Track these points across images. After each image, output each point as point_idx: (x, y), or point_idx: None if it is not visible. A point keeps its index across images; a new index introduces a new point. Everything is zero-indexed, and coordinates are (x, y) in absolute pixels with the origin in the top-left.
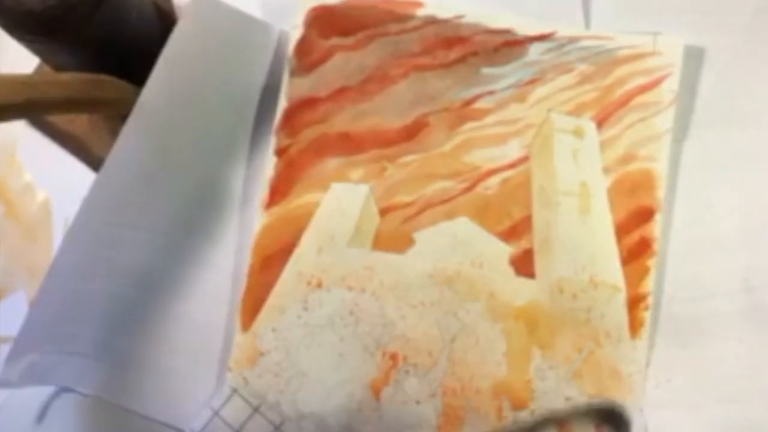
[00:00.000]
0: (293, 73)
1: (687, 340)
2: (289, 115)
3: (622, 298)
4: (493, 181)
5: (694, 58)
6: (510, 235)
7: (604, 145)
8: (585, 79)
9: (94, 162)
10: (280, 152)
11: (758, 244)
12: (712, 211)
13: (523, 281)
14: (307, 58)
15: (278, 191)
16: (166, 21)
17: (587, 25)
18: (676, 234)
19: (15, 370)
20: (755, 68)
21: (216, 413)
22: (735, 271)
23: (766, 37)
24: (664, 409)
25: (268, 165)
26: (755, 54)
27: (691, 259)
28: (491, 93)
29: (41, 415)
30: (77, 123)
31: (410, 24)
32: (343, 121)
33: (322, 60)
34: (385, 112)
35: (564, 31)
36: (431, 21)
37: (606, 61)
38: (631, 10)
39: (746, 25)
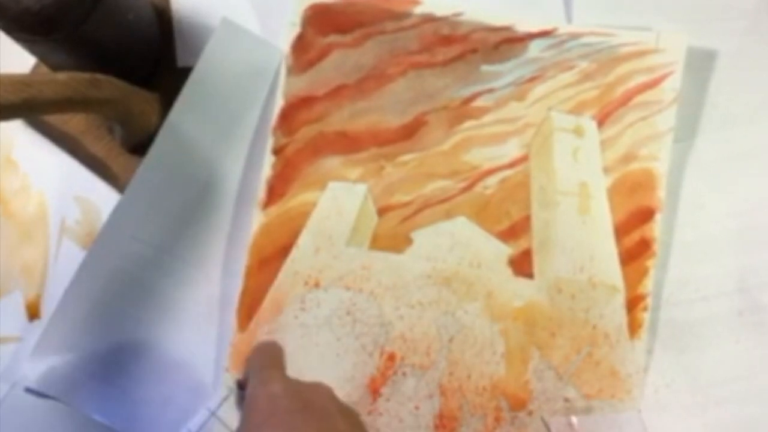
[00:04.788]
0: (290, 72)
1: (684, 344)
2: (286, 113)
3: (621, 298)
4: (492, 180)
5: (692, 58)
6: (509, 235)
7: (604, 145)
8: (586, 77)
9: (91, 162)
10: (277, 151)
11: (752, 244)
12: (706, 212)
13: (522, 281)
14: (304, 56)
15: (276, 191)
16: (164, 21)
17: (569, 19)
18: (671, 235)
19: (36, 370)
20: (751, 71)
21: (213, 413)
22: (730, 272)
23: (765, 40)
24: (664, 413)
25: (265, 164)
26: (754, 57)
27: (686, 261)
28: (491, 91)
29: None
30: (73, 123)
31: (408, 22)
32: (340, 119)
33: (320, 58)
34: (383, 110)
35: (565, 27)
36: (429, 18)
37: (607, 58)
38: (613, 5)
39: (747, 28)
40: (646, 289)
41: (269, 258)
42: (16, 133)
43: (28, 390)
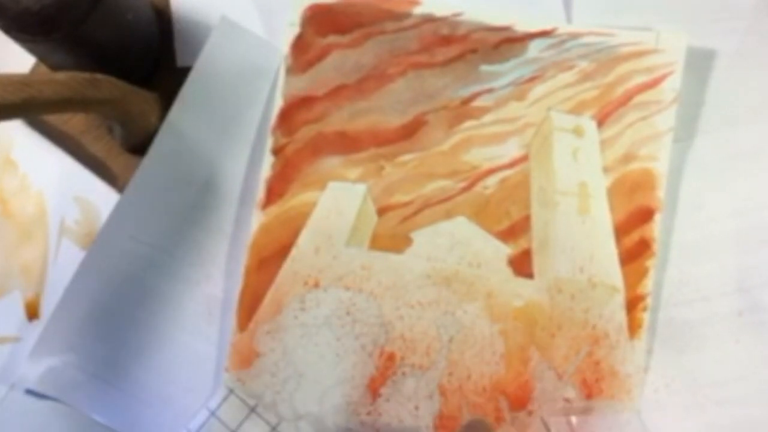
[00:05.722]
0: (289, 72)
1: (684, 344)
2: (286, 114)
3: (620, 298)
4: (492, 180)
5: (692, 58)
6: (508, 234)
7: (604, 145)
8: (585, 77)
9: (90, 162)
10: (276, 151)
11: (752, 244)
12: (706, 212)
13: (522, 281)
14: (303, 56)
15: (275, 191)
16: (163, 21)
17: (569, 19)
18: (671, 235)
19: (35, 371)
20: (751, 71)
21: (213, 413)
22: (730, 272)
23: (764, 40)
24: (663, 413)
25: (265, 164)
26: (754, 57)
27: (686, 261)
28: (490, 91)
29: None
30: (73, 123)
31: (407, 22)
32: (340, 119)
33: (319, 58)
34: (382, 110)
35: (565, 27)
36: (428, 19)
37: (607, 58)
38: (613, 5)
39: (747, 28)
40: (646, 289)
41: (269, 258)
42: (15, 132)
43: (29, 392)
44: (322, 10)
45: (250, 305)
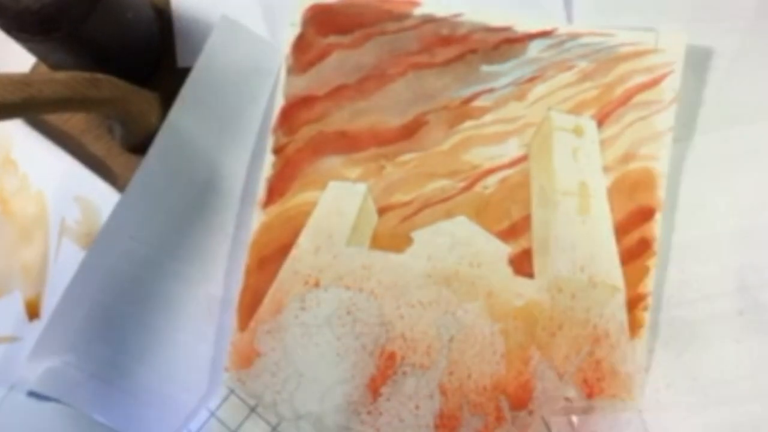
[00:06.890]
0: (290, 72)
1: (685, 344)
2: (287, 113)
3: (621, 298)
4: (492, 180)
5: (692, 57)
6: (509, 234)
7: (604, 144)
8: (585, 77)
9: (91, 162)
10: (277, 150)
11: (752, 243)
12: (706, 211)
13: (522, 281)
14: (304, 56)
15: (276, 190)
16: (163, 20)
17: (569, 19)
18: (671, 235)
19: (35, 371)
20: (751, 70)
21: (213, 414)
22: (730, 272)
23: (764, 39)
24: (664, 413)
25: (265, 163)
26: (754, 56)
27: (687, 261)
28: (490, 91)
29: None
30: (73, 122)
31: (408, 22)
32: (340, 119)
33: (320, 58)
34: (383, 110)
35: (565, 27)
36: (429, 19)
37: (607, 58)
38: (613, 5)
39: (747, 28)
40: (647, 288)
41: (269, 257)
42: (15, 132)
43: (31, 393)
44: (323, 11)
45: (250, 305)
